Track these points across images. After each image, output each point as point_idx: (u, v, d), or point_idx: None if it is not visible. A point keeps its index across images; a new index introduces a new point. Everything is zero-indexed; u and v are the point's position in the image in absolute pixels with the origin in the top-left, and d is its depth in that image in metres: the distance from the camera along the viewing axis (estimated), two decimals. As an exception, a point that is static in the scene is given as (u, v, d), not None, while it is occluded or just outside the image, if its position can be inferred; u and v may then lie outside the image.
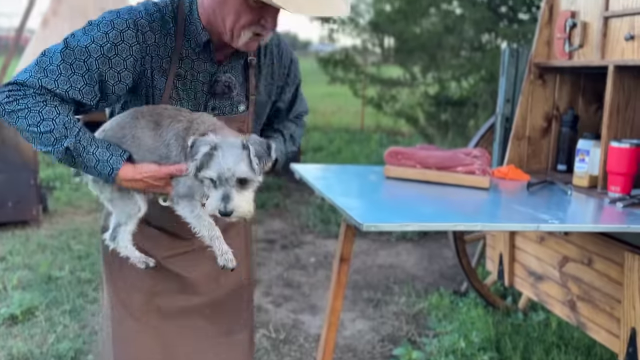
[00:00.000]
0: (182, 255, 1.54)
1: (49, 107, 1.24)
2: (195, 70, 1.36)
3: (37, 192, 4.41)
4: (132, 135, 1.32)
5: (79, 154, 1.27)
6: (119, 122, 1.35)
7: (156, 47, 1.32)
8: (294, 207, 5.41)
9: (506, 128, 2.73)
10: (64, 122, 1.25)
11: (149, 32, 1.31)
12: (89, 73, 1.26)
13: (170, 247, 1.52)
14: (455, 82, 6.86)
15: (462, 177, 2.13)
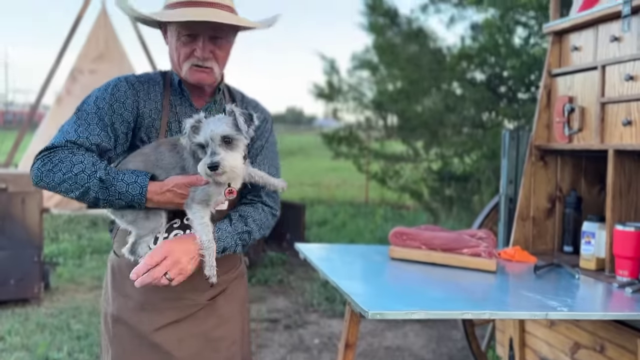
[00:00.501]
0: (172, 325, 1.59)
1: (77, 155, 1.46)
2: (180, 113, 1.63)
3: (40, 269, 4.38)
4: (156, 159, 1.51)
5: (111, 182, 1.44)
6: (141, 152, 1.55)
7: (147, 94, 1.61)
8: (298, 284, 5.33)
9: (510, 209, 2.74)
10: (92, 161, 1.46)
11: (138, 84, 1.61)
12: (101, 121, 1.52)
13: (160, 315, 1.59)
14: (457, 158, 6.97)
15: (469, 259, 2.11)
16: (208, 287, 1.60)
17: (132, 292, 1.57)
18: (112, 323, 1.63)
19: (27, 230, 4.30)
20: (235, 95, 1.75)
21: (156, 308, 1.58)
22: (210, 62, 1.58)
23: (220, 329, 1.65)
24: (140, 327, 1.58)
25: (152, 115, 1.60)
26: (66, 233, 7.06)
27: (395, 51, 6.84)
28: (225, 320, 1.67)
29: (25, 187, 4.26)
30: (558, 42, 2.59)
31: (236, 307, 1.72)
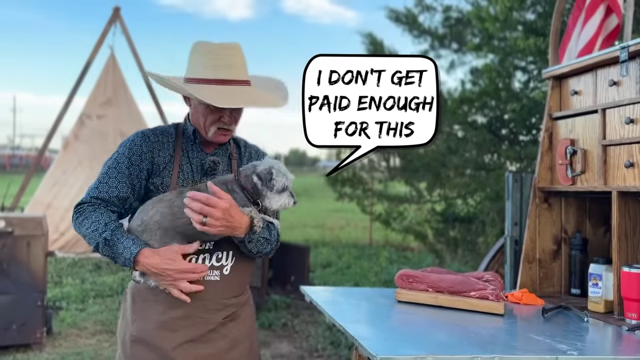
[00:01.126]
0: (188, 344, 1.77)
1: (97, 212, 1.75)
2: (191, 157, 1.88)
3: (43, 314, 4.35)
4: (181, 204, 1.69)
5: (114, 243, 1.70)
6: (166, 197, 1.76)
7: (161, 144, 1.86)
8: (303, 328, 5.26)
9: (516, 251, 2.74)
10: (105, 222, 1.73)
11: (152, 135, 1.87)
12: (120, 174, 1.80)
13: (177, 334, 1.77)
14: (461, 199, 6.99)
15: (476, 302, 2.10)
16: (219, 309, 1.81)
17: (151, 313, 1.78)
18: (131, 344, 1.79)
19: (31, 274, 4.29)
20: (239, 142, 2.02)
21: (173, 327, 1.76)
22: (232, 126, 1.87)
23: (232, 352, 1.83)
24: (161, 344, 1.75)
25: (165, 161, 1.85)
26: (69, 277, 7.03)
27: (397, 95, 6.97)
28: (237, 343, 1.85)
29: (31, 230, 4.28)
30: (558, 86, 2.66)
31: (245, 332, 1.90)
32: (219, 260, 1.82)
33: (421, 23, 7.23)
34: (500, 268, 2.97)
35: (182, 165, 1.85)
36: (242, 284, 1.90)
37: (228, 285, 1.82)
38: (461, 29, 7.25)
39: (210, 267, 1.79)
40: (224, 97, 1.75)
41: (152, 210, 1.74)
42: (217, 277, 1.81)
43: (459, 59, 7.22)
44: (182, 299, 1.71)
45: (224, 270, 1.83)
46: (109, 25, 9.24)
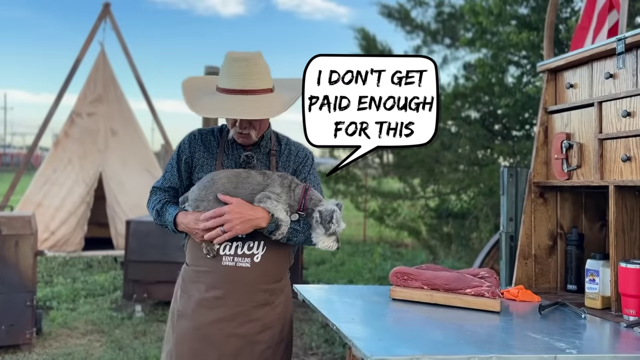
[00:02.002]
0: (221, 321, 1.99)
1: (156, 195, 2.18)
2: (231, 154, 2.12)
3: (32, 314, 4.28)
4: (246, 177, 2.01)
5: (163, 213, 2.11)
6: (232, 172, 2.03)
7: (202, 143, 2.14)
8: (297, 326, 5.21)
9: (511, 246, 2.71)
10: (159, 199, 2.16)
11: (198, 134, 2.17)
12: (172, 169, 2.16)
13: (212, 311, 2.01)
14: (455, 195, 6.96)
15: (472, 300, 2.06)
16: (250, 293, 2.01)
17: (194, 292, 2.03)
18: (177, 317, 2.06)
19: (20, 274, 4.22)
20: (282, 140, 2.19)
21: (210, 306, 1.99)
22: (247, 130, 2.03)
23: (262, 335, 2.02)
24: (198, 319, 1.99)
25: (206, 158, 2.12)
26: (60, 276, 6.95)
27: (390, 90, 6.92)
28: (267, 327, 2.03)
29: (20, 229, 4.21)
30: (553, 79, 2.62)
31: (276, 317, 2.07)
32: (250, 249, 2.03)
33: (414, 18, 7.18)
34: (495, 264, 2.94)
35: (224, 161, 2.11)
36: (274, 272, 2.07)
37: (259, 272, 2.02)
38: (454, 24, 7.22)
39: (242, 255, 2.02)
40: (222, 106, 1.98)
41: (222, 174, 2.02)
42: (247, 264, 2.01)
43: (452, 54, 7.20)
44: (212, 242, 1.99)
45: (255, 258, 2.02)
46: (98, 21, 9.13)
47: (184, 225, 2.03)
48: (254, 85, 1.96)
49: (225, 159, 2.11)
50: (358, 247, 9.92)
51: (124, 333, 4.79)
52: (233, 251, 2.01)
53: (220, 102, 1.97)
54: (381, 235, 10.86)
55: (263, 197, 1.96)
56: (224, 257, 2.01)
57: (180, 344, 2.02)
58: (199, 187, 2.03)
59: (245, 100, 1.95)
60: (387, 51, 6.95)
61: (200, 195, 2.00)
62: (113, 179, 8.81)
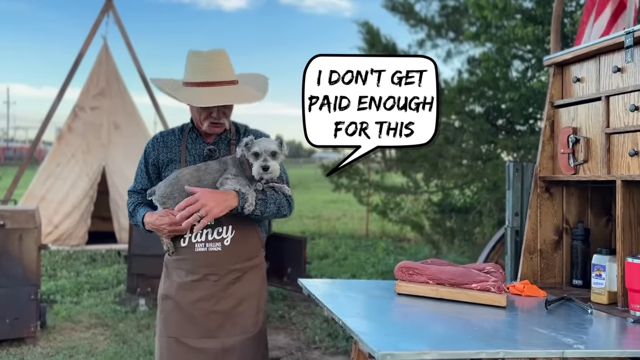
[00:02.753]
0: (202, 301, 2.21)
1: (130, 198, 2.38)
2: (194, 149, 2.29)
3: (36, 307, 4.29)
4: (205, 168, 2.19)
5: (135, 214, 2.32)
6: (193, 168, 2.20)
7: (164, 144, 2.32)
8: (300, 320, 5.23)
9: (517, 241, 2.70)
10: (132, 202, 2.37)
11: (160, 137, 2.35)
12: (142, 172, 2.36)
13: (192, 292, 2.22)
14: (458, 190, 6.94)
15: (478, 294, 2.06)
16: (224, 274, 2.21)
17: (175, 277, 2.25)
18: (162, 300, 2.28)
19: (24, 268, 4.23)
20: (240, 128, 2.35)
21: (190, 288, 2.21)
22: (223, 119, 2.22)
23: (238, 308, 2.23)
24: (181, 300, 2.21)
25: (170, 157, 2.29)
26: (64, 270, 6.97)
27: (394, 85, 6.90)
28: (242, 301, 2.24)
29: (23, 223, 4.21)
30: (559, 73, 2.60)
31: (250, 291, 2.26)
32: (219, 234, 2.21)
33: (417, 12, 7.14)
34: (500, 259, 2.93)
35: (187, 157, 2.27)
36: (245, 252, 2.26)
37: (229, 254, 2.21)
38: (458, 17, 7.17)
39: (212, 240, 2.20)
40: (208, 97, 2.11)
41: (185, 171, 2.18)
42: (219, 248, 2.20)
43: (456, 48, 7.16)
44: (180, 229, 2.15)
45: (225, 241, 2.21)
46: (101, 15, 9.10)
47: (151, 224, 2.21)
48: (224, 77, 2.15)
49: (187, 155, 2.28)
50: (361, 242, 9.93)
51: (128, 327, 4.81)
52: (204, 238, 2.20)
53: (198, 94, 2.13)
54: (384, 229, 10.86)
55: (223, 180, 2.15)
56: (197, 244, 2.21)
57: (169, 322, 2.24)
58: (165, 184, 2.20)
59: (219, 91, 2.12)
60: (391, 45, 6.92)
61: (166, 192, 2.17)
62: (116, 173, 8.81)
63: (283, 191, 2.29)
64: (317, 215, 14.52)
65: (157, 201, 2.21)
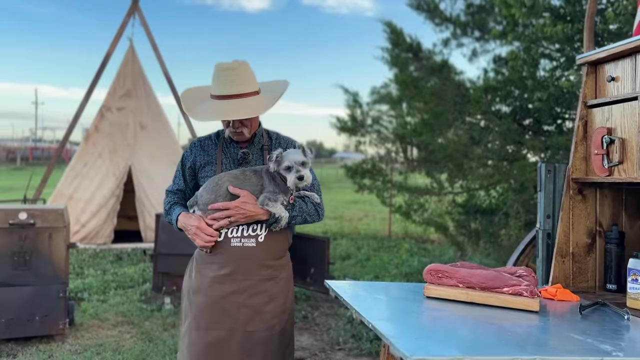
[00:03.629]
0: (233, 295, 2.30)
1: (167, 197, 2.54)
2: (229, 153, 2.45)
3: (65, 305, 4.36)
4: (243, 178, 2.31)
5: (170, 212, 2.48)
6: (232, 173, 2.34)
7: (202, 148, 2.48)
8: (323, 320, 5.21)
9: (548, 244, 2.64)
10: (168, 201, 2.53)
11: (197, 142, 2.52)
12: (179, 175, 2.52)
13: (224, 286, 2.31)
14: (484, 191, 6.84)
15: (510, 299, 2.02)
16: (257, 269, 2.31)
17: (207, 271, 2.34)
18: (193, 294, 2.36)
19: (53, 266, 4.30)
20: (272, 135, 2.51)
21: (222, 281, 2.30)
22: (241, 129, 2.36)
23: (268, 306, 2.32)
24: (212, 293, 2.30)
25: (207, 160, 2.44)
26: (91, 268, 7.08)
27: (418, 85, 6.84)
28: (272, 299, 2.33)
29: (53, 222, 4.29)
30: (593, 72, 2.54)
31: (279, 290, 2.36)
32: (254, 231, 2.32)
33: (442, 11, 7.06)
34: (530, 262, 2.87)
35: (223, 160, 2.42)
36: (277, 249, 2.37)
37: (263, 251, 2.32)
38: (484, 16, 7.07)
39: (247, 236, 2.32)
40: (215, 111, 2.29)
41: (225, 178, 2.31)
42: (253, 244, 2.31)
43: (482, 47, 7.05)
44: (202, 246, 2.32)
45: (259, 238, 2.32)
46: (127, 16, 9.23)
47: (183, 223, 2.37)
48: (239, 90, 2.29)
49: (224, 157, 2.43)
50: (383, 243, 9.87)
51: (154, 325, 4.86)
52: (240, 233, 2.32)
53: (213, 107, 2.30)
54: (407, 230, 10.78)
55: (264, 200, 2.27)
56: (232, 240, 2.32)
57: (200, 315, 2.32)
58: (206, 191, 2.31)
59: (235, 103, 2.27)
60: (416, 45, 6.86)
61: (210, 199, 2.29)
62: (142, 173, 8.92)
63: (313, 199, 2.42)
64: (339, 215, 14.48)
65: (201, 210, 2.32)
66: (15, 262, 4.17)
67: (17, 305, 4.17)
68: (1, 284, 4.14)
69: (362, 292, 2.25)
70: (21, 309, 4.18)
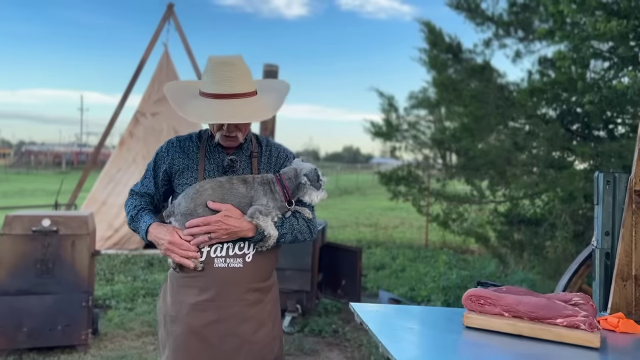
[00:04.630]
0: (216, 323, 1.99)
1: (131, 199, 2.20)
2: (213, 158, 2.12)
3: (88, 314, 4.25)
4: (229, 188, 2.02)
5: (137, 220, 2.12)
6: (218, 180, 2.04)
7: (181, 150, 2.14)
8: (355, 336, 4.95)
9: (607, 265, 2.32)
10: (134, 204, 2.17)
11: (176, 142, 2.17)
12: (149, 176, 2.18)
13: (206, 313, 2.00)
14: (528, 200, 6.44)
15: (565, 332, 1.72)
16: (244, 293, 2.02)
17: (186, 296, 2.02)
18: (170, 323, 2.04)
19: (76, 274, 4.20)
20: (262, 141, 2.20)
21: (203, 308, 1.99)
22: (234, 133, 2.06)
23: (257, 334, 2.04)
24: (192, 322, 1.99)
25: (186, 165, 2.11)
26: (121, 274, 7.02)
27: (458, 87, 6.50)
28: (261, 326, 2.06)
29: (76, 229, 4.18)
30: (662, 69, 2.21)
31: (267, 314, 2.09)
32: (241, 249, 2.03)
33: (484, 10, 6.72)
34: (584, 285, 2.55)
35: (206, 166, 2.10)
36: (265, 270, 2.10)
37: (251, 272, 2.04)
38: (528, 15, 6.69)
39: (233, 256, 2.02)
40: (212, 111, 1.96)
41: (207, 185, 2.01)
42: (240, 264, 2.02)
43: (526, 48, 6.67)
44: (185, 264, 1.99)
45: (247, 257, 2.03)
46: (162, 22, 9.23)
47: (154, 236, 2.05)
48: (239, 89, 1.98)
49: (207, 163, 2.11)
50: (420, 252, 9.51)
51: (178, 337, 4.70)
52: (224, 252, 2.02)
53: (208, 107, 1.98)
54: (445, 239, 10.38)
55: (255, 212, 1.99)
56: (216, 259, 2.01)
57: (177, 348, 2.02)
58: (185, 200, 2.01)
59: (233, 105, 1.96)
60: (456, 44, 6.54)
61: (188, 209, 2.00)
62: (174, 178, 8.87)
63: (304, 215, 2.13)
64: (373, 222, 14.17)
65: (178, 221, 2.03)
66: (38, 270, 4.08)
67: (39, 315, 4.08)
68: (24, 293, 4.06)
69: (391, 318, 1.99)
70: (43, 318, 4.09)
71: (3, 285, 4.01)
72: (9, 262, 4.03)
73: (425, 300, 5.91)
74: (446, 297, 5.42)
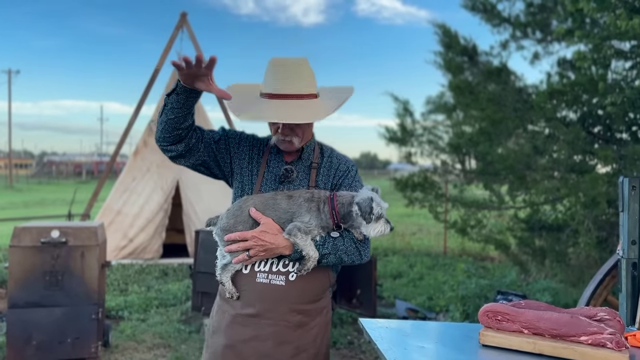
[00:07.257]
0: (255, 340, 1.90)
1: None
2: (273, 165, 2.05)
3: (98, 327, 4.19)
4: (273, 202, 1.93)
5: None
6: (259, 199, 1.95)
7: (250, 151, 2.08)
8: (370, 348, 4.81)
9: (634, 276, 2.16)
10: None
11: (252, 139, 2.12)
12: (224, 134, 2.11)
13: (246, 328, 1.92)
14: (549, 205, 6.23)
15: (590, 351, 1.58)
16: (285, 312, 1.91)
17: (228, 309, 1.97)
18: (212, 333, 2.02)
19: (85, 286, 4.14)
20: (325, 152, 2.09)
21: (244, 323, 1.93)
22: (290, 137, 1.98)
23: (296, 358, 1.91)
24: (232, 335, 1.93)
25: (248, 167, 2.05)
26: (135, 284, 6.98)
27: (474, 90, 6.34)
28: (301, 351, 1.92)
29: (86, 240, 4.13)
30: (691, 65, 2.06)
31: (311, 340, 1.95)
32: (285, 266, 1.93)
33: (500, 11, 6.56)
34: (610, 296, 2.39)
35: (265, 174, 2.04)
36: (311, 291, 1.96)
37: (293, 292, 1.92)
38: (546, 16, 6.51)
39: (277, 272, 1.93)
40: (270, 111, 1.88)
41: (250, 201, 1.96)
42: (282, 282, 1.92)
43: (544, 49, 6.48)
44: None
45: (290, 276, 1.92)
46: (176, 30, 9.23)
47: None
48: (297, 90, 1.91)
49: (266, 170, 2.05)
50: (438, 260, 9.32)
51: (190, 348, 4.61)
52: (267, 268, 1.94)
53: (263, 107, 1.91)
54: (464, 246, 10.17)
55: (293, 229, 1.87)
56: (258, 274, 1.94)
57: (215, 358, 1.96)
58: (227, 216, 1.97)
59: (287, 105, 1.89)
60: (472, 47, 6.39)
61: (228, 225, 1.94)
62: (190, 187, 8.84)
63: (353, 235, 1.96)
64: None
65: (217, 235, 1.98)
66: (47, 282, 4.04)
67: (48, 327, 4.02)
68: (33, 305, 4.01)
69: (403, 336, 1.86)
70: (53, 331, 4.03)
71: (12, 298, 3.97)
72: (18, 274, 3.99)
73: (443, 310, 5.74)
74: (465, 307, 5.24)
